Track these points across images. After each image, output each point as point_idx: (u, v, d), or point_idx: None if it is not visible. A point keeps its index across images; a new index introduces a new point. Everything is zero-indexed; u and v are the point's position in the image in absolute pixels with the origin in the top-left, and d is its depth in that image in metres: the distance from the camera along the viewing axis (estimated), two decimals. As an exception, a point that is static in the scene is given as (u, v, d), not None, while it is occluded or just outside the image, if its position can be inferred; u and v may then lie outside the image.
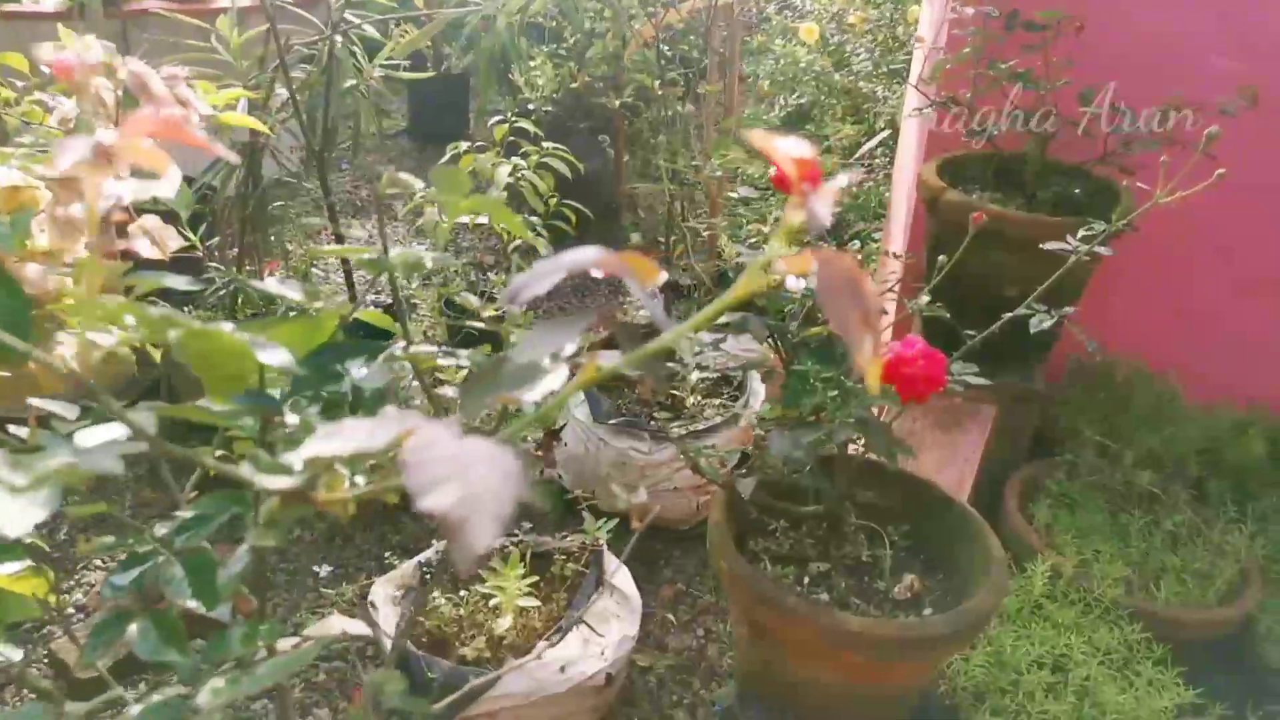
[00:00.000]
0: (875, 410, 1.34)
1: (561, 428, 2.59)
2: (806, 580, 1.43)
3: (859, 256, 4.12)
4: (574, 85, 4.19)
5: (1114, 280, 2.26)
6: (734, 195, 1.49)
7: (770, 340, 1.37)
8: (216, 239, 2.81)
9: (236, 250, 2.84)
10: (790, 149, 0.44)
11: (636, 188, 2.65)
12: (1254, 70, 1.96)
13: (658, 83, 2.65)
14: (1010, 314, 1.27)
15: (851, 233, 4.17)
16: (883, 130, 4.33)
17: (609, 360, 0.48)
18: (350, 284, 2.53)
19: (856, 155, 4.57)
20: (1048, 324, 1.23)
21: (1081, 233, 1.27)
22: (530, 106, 4.43)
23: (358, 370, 0.65)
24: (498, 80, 3.22)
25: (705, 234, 1.83)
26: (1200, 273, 2.27)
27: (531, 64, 4.47)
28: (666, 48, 3.47)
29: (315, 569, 2.40)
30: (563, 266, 0.46)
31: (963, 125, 1.98)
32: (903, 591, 1.41)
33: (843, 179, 0.47)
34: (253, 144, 2.62)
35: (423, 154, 5.47)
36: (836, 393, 1.27)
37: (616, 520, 2.17)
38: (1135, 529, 1.91)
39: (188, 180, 3.24)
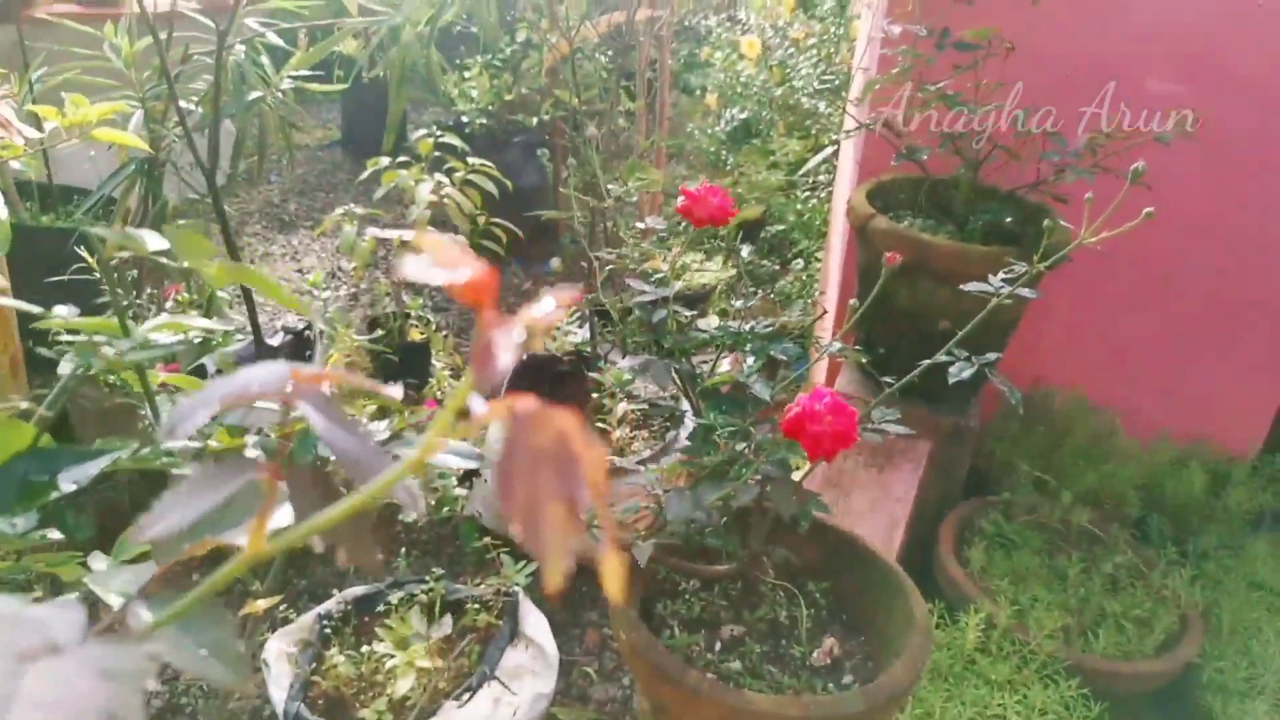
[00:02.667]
0: (792, 463, 1.23)
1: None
2: (718, 646, 1.31)
3: (773, 298, 4.04)
4: (509, 97, 4.06)
5: (1050, 311, 2.19)
6: (641, 225, 1.38)
7: (677, 385, 1.25)
8: (116, 259, 2.64)
9: (137, 272, 2.67)
10: (456, 268, 0.32)
11: (546, 214, 2.51)
12: (1193, 95, 1.89)
13: (581, 98, 2.53)
14: (929, 361, 1.16)
15: (795, 251, 4.09)
16: (827, 146, 4.27)
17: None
18: (252, 313, 2.37)
19: (802, 171, 4.50)
20: (967, 373, 1.13)
21: (1001, 275, 1.17)
22: (464, 119, 4.30)
23: (67, 483, 0.51)
24: (424, 91, 3.09)
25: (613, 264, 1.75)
26: (1137, 305, 2.20)
27: (465, 75, 4.34)
28: (605, 59, 3.36)
29: (213, 617, 2.23)
30: (219, 398, 0.34)
31: (893, 148, 1.89)
32: (822, 657, 1.30)
33: (551, 302, 0.35)
34: (151, 159, 2.46)
35: (356, 165, 5.31)
36: (744, 445, 1.16)
37: (536, 565, 2.04)
38: (1073, 572, 1.82)
39: (86, 192, 3.05)
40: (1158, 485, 2.14)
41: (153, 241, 0.55)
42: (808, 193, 4.31)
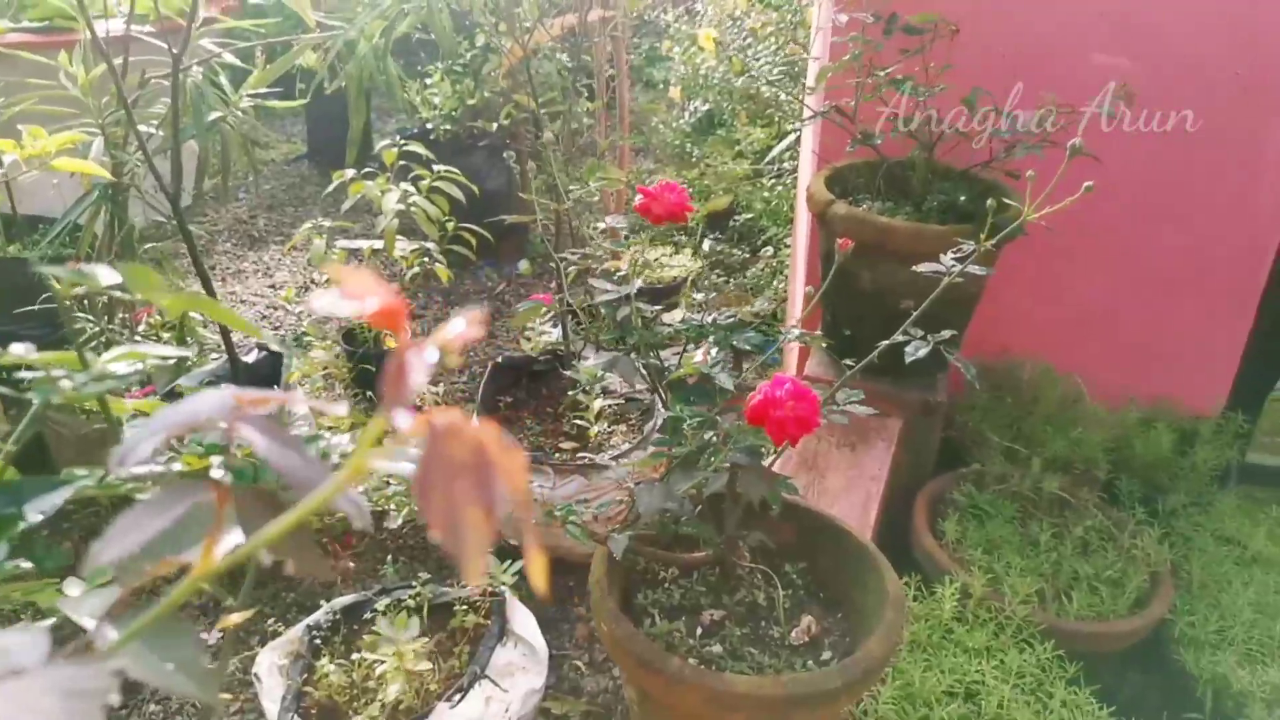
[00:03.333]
0: (764, 449, 1.26)
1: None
2: (699, 631, 1.34)
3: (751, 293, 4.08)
4: (471, 102, 4.07)
5: (1013, 281, 2.23)
6: (602, 225, 1.40)
7: (644, 380, 1.28)
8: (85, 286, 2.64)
9: (107, 298, 2.67)
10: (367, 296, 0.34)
11: (510, 219, 2.52)
12: (1136, 66, 1.94)
13: (539, 100, 2.55)
14: (886, 342, 1.19)
15: (764, 239, 4.13)
16: (790, 133, 4.30)
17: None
18: (225, 332, 2.38)
19: (767, 159, 4.53)
20: (923, 352, 1.16)
21: (951, 254, 1.20)
22: (429, 126, 4.30)
23: (34, 513, 0.54)
24: (388, 100, 3.10)
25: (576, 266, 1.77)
26: (1096, 271, 2.25)
27: (428, 82, 4.34)
28: (566, 58, 3.38)
29: (203, 635, 2.25)
30: (165, 427, 0.36)
31: (848, 134, 1.92)
32: (800, 636, 1.34)
33: (462, 322, 0.38)
34: (114, 185, 2.46)
35: (324, 178, 5.30)
36: (712, 434, 1.19)
37: (522, 562, 2.07)
38: (1045, 538, 1.87)
39: (52, 221, 3.03)
40: (1126, 447, 2.19)
41: (106, 276, 0.57)
42: (774, 180, 4.34)
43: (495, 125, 2.91)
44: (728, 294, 3.65)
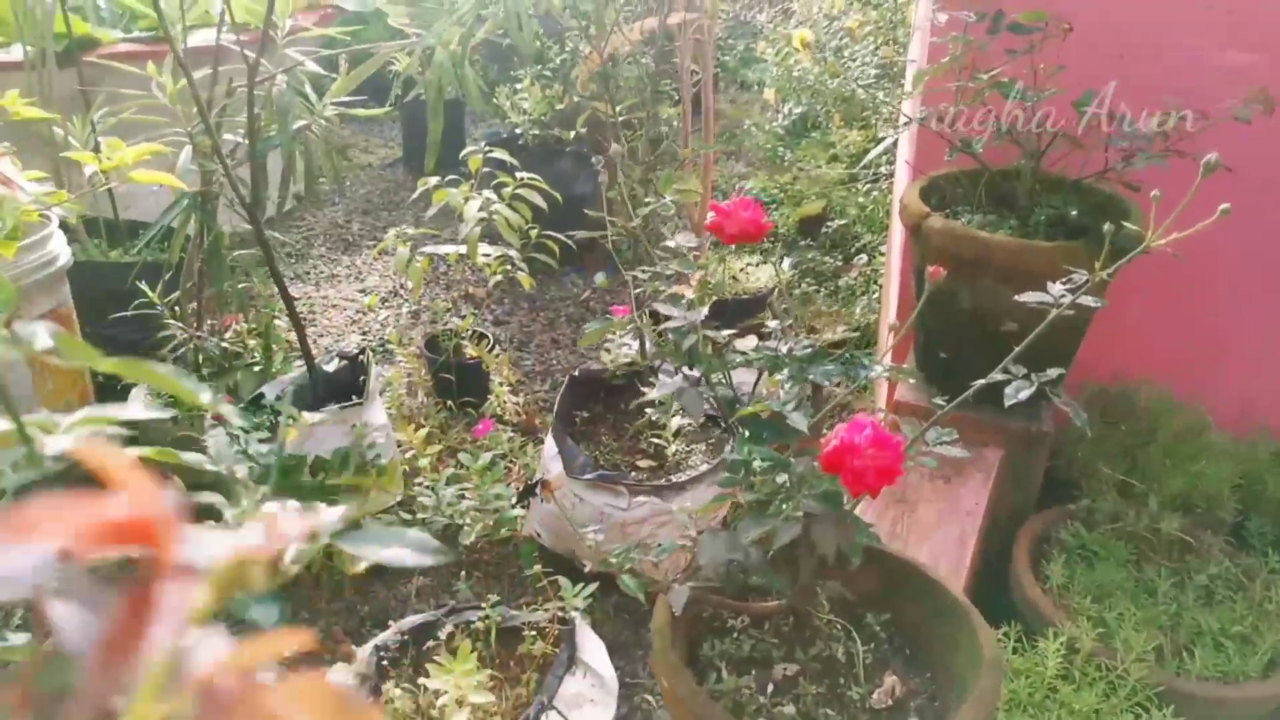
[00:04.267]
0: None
1: (537, 482, 2.41)
2: (770, 688, 1.23)
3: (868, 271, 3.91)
4: (560, 107, 4.02)
5: (1131, 298, 2.04)
6: (671, 243, 1.31)
7: (713, 416, 1.18)
8: (178, 293, 2.68)
9: (196, 305, 2.70)
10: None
11: (580, 234, 2.45)
12: (1272, 66, 1.74)
13: (617, 107, 2.48)
14: (982, 381, 1.07)
15: (858, 246, 3.96)
16: (885, 137, 4.13)
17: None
18: (304, 343, 2.37)
19: (862, 164, 4.36)
20: (1025, 394, 1.03)
21: (1060, 285, 1.07)
22: (518, 131, 4.28)
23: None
24: (483, 105, 3.07)
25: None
26: (1229, 288, 2.04)
27: (518, 87, 4.32)
28: (650, 62, 3.30)
29: (279, 647, 2.24)
30: None
31: (946, 141, 1.78)
32: (882, 699, 1.22)
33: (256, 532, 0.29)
34: (204, 193, 2.48)
35: (418, 183, 5.35)
36: (784, 479, 1.08)
37: (595, 584, 1.99)
38: (1164, 585, 1.69)
39: (143, 225, 3.09)
40: (1256, 483, 1.99)
41: (41, 340, 0.50)
42: (869, 184, 4.17)
43: (573, 133, 2.84)
44: (817, 306, 3.51)
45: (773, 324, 1.24)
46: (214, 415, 2.23)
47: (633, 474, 2.32)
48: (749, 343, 1.31)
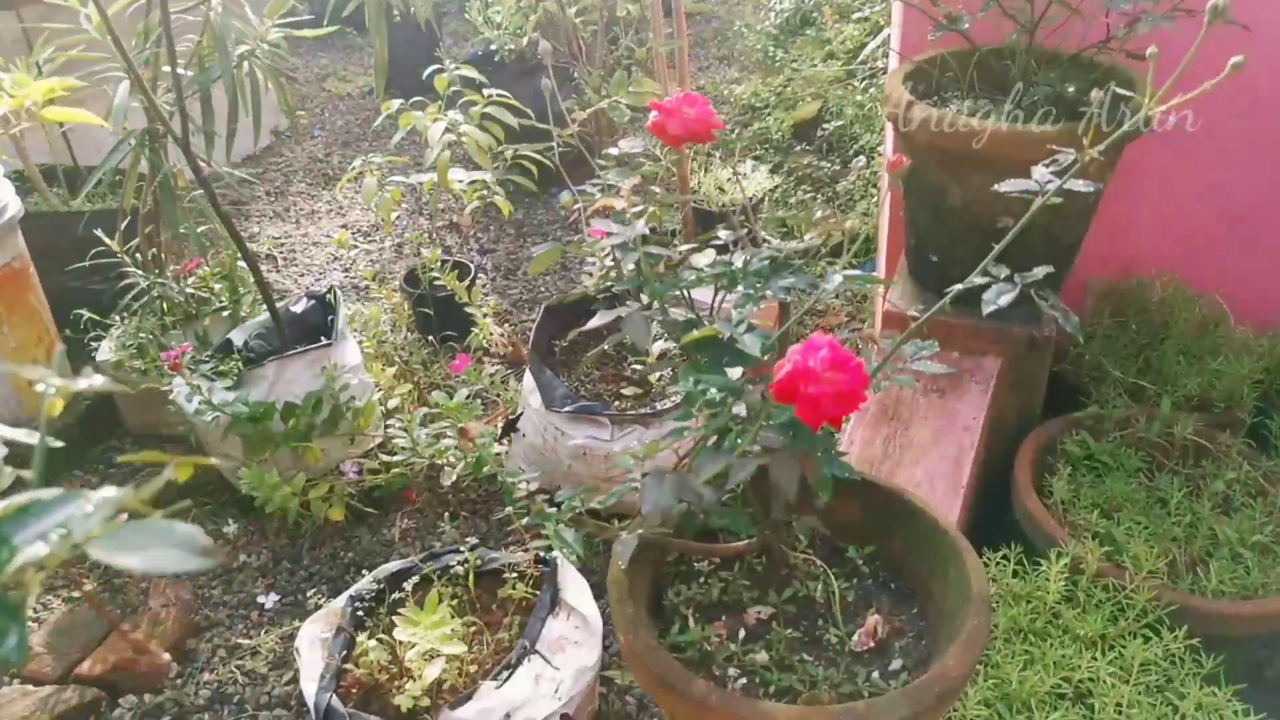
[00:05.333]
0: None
1: (518, 416, 2.31)
2: (742, 634, 1.13)
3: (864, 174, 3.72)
4: (534, 18, 3.80)
5: (1140, 179, 1.88)
6: (614, 150, 1.17)
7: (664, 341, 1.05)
8: (137, 239, 2.56)
9: (156, 250, 2.58)
10: None
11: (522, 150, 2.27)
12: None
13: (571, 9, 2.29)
14: (959, 285, 0.93)
15: (855, 148, 3.77)
16: (885, 27, 3.89)
17: None
18: (262, 285, 2.24)
19: (859, 58, 4.13)
20: (1005, 299, 0.89)
21: (1042, 168, 0.92)
22: (493, 48, 4.06)
23: None
24: (461, 22, 2.86)
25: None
26: (1247, 163, 1.86)
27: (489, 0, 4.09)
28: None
29: (260, 599, 2.17)
30: None
31: (930, 20, 1.61)
32: (863, 640, 1.11)
33: None
34: (151, 130, 2.33)
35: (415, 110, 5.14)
36: (740, 411, 0.96)
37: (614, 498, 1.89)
38: (1177, 495, 1.57)
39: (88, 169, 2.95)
40: (1278, 377, 1.85)
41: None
42: (866, 81, 3.95)
43: (525, 40, 2.66)
44: (812, 213, 3.34)
45: (724, 234, 1.10)
46: (170, 367, 2.12)
47: (616, 404, 2.20)
48: (706, 257, 1.18)
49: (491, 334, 3.01)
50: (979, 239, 1.61)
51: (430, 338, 2.86)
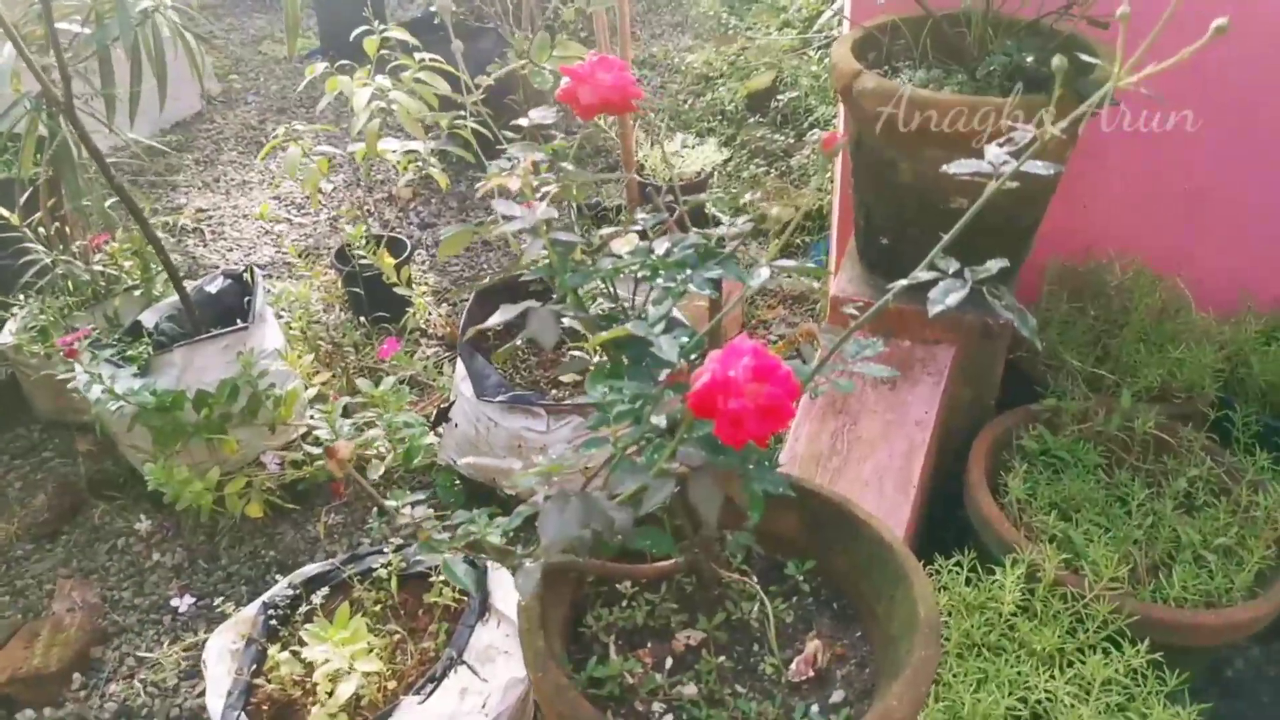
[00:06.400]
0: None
1: (451, 404, 2.17)
2: (669, 663, 1.02)
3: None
4: (475, -23, 3.62)
5: (1100, 161, 1.78)
6: (523, 121, 1.04)
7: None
8: (39, 212, 2.37)
9: (59, 224, 2.39)
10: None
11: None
12: None
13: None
14: (903, 281, 0.81)
15: (810, 121, 3.65)
16: (841, -5, 3.76)
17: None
18: (167, 263, 2.08)
19: (815, 26, 4.00)
20: (954, 298, 0.78)
21: (996, 147, 0.80)
22: (433, 9, 3.86)
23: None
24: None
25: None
26: (1211, 142, 1.77)
27: (429, -42, 3.89)
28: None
29: (174, 602, 2.03)
30: None
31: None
32: (801, 669, 1.01)
33: None
34: (46, 94, 2.14)
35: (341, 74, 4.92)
36: (659, 422, 0.84)
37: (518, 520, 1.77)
38: (1138, 493, 1.49)
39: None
40: (1241, 365, 1.78)
41: None
42: (822, 50, 3.83)
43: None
44: (767, 189, 3.22)
45: (642, 217, 0.98)
46: (66, 354, 1.96)
47: (553, 392, 2.08)
48: (627, 244, 1.05)
49: (429, 314, 2.86)
50: (931, 219, 1.50)
51: (362, 319, 2.71)
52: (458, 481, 2.21)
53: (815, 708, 0.98)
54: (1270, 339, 1.80)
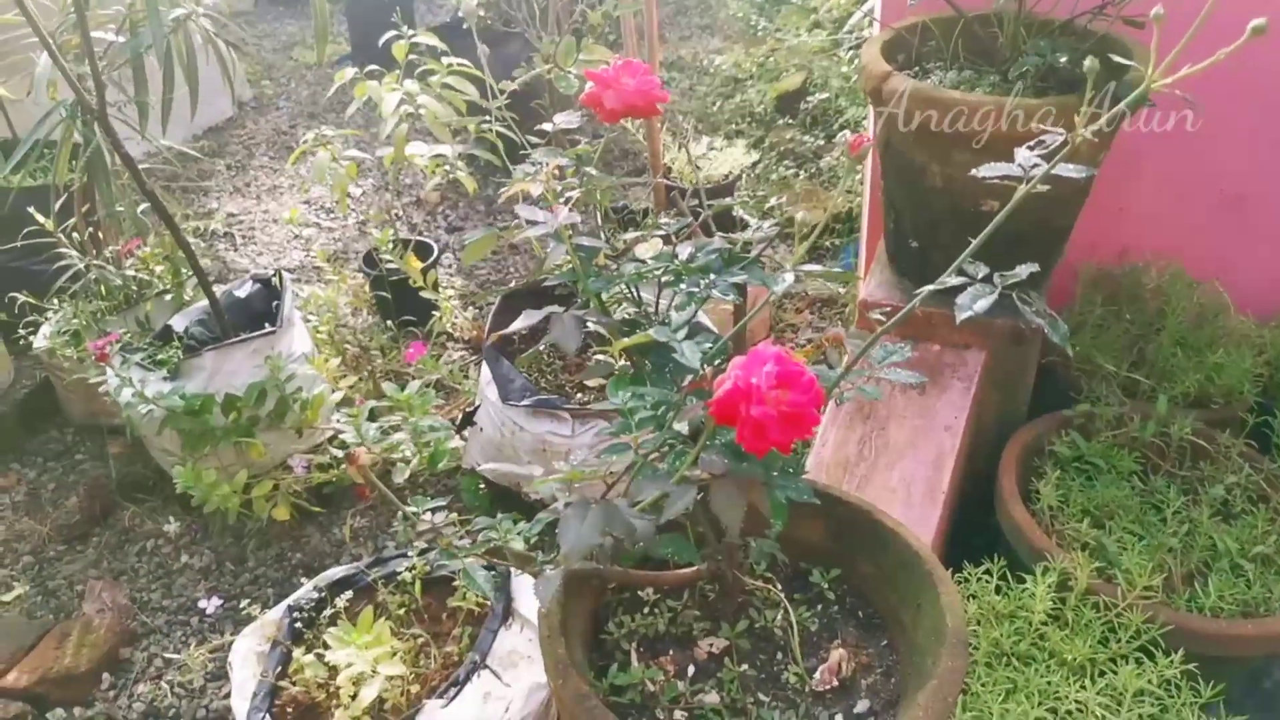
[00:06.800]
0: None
1: (476, 408, 2.18)
2: (691, 671, 1.01)
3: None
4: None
5: (1135, 162, 1.75)
6: (548, 126, 1.03)
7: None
8: (74, 218, 2.40)
9: (93, 229, 2.43)
10: None
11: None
12: None
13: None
14: (931, 286, 0.80)
15: (840, 122, 3.62)
16: (870, -4, 3.73)
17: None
18: (197, 268, 2.10)
19: (845, 27, 3.98)
20: (982, 305, 0.77)
21: (1026, 150, 0.78)
22: (461, 14, 3.88)
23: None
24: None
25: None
26: (1252, 143, 1.73)
27: (456, -38, 3.90)
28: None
29: (201, 604, 2.04)
30: None
31: (911, -17, 1.47)
32: (826, 678, 0.99)
33: None
34: (82, 102, 2.17)
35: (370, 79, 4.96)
36: (682, 428, 0.83)
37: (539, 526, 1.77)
38: (1174, 500, 1.45)
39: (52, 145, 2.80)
40: (1281, 372, 1.74)
41: None
42: (853, 52, 3.80)
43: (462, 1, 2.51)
44: (797, 191, 3.21)
45: (665, 221, 0.97)
46: (97, 358, 1.98)
47: (578, 396, 2.08)
48: (652, 248, 1.04)
49: (455, 318, 2.87)
50: (962, 223, 1.48)
51: (389, 322, 2.72)
52: (482, 486, 2.21)
53: (839, 717, 0.96)
54: (1311, 343, 1.76)
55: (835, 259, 2.97)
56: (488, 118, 2.51)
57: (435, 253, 2.86)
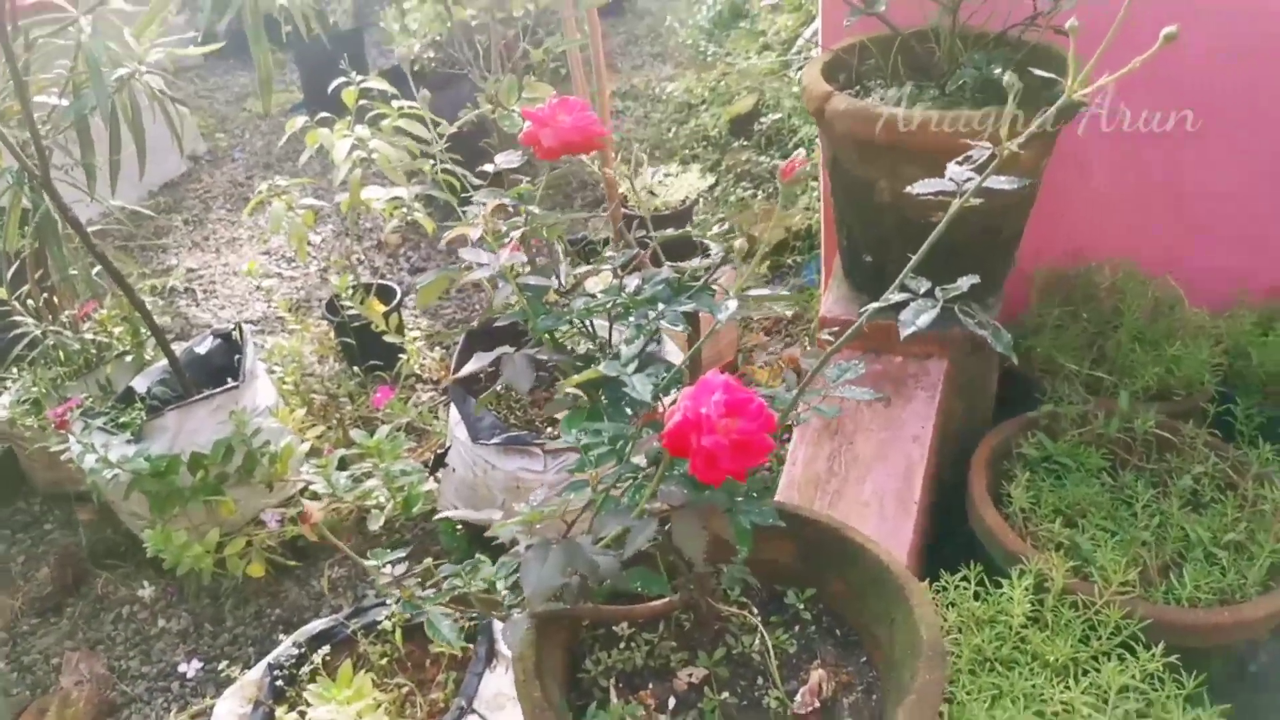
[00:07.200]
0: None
1: (447, 449, 2.16)
2: (672, 703, 1.00)
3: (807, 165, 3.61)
4: (449, 25, 3.65)
5: (1084, 164, 1.78)
6: (489, 167, 1.04)
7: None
8: (27, 285, 2.38)
9: (47, 295, 2.40)
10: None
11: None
12: None
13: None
14: (874, 305, 0.80)
15: (794, 141, 3.66)
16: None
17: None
18: (154, 327, 2.08)
19: (794, 48, 4.03)
20: (925, 319, 0.77)
21: (957, 165, 0.80)
22: (410, 58, 3.89)
23: None
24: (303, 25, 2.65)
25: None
26: (1200, 143, 1.76)
27: (406, 5, 3.92)
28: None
29: (181, 668, 2.00)
30: None
31: (848, 4, 1.49)
32: (807, 700, 0.99)
33: None
34: (24, 168, 2.15)
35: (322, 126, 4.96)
36: (639, 461, 0.83)
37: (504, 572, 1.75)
38: (1143, 493, 1.47)
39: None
40: (1239, 358, 1.76)
41: None
42: (802, 70, 3.85)
43: (408, 46, 2.53)
44: (753, 211, 3.23)
45: (610, 255, 0.97)
46: (57, 426, 1.95)
47: (549, 430, 2.07)
48: (601, 282, 1.05)
49: (422, 359, 2.85)
50: (912, 237, 1.48)
51: (355, 368, 2.70)
52: (459, 527, 2.19)
53: (823, 740, 0.96)
54: (1267, 330, 1.78)
55: (799, 276, 2.99)
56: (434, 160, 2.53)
57: (399, 295, 2.86)
